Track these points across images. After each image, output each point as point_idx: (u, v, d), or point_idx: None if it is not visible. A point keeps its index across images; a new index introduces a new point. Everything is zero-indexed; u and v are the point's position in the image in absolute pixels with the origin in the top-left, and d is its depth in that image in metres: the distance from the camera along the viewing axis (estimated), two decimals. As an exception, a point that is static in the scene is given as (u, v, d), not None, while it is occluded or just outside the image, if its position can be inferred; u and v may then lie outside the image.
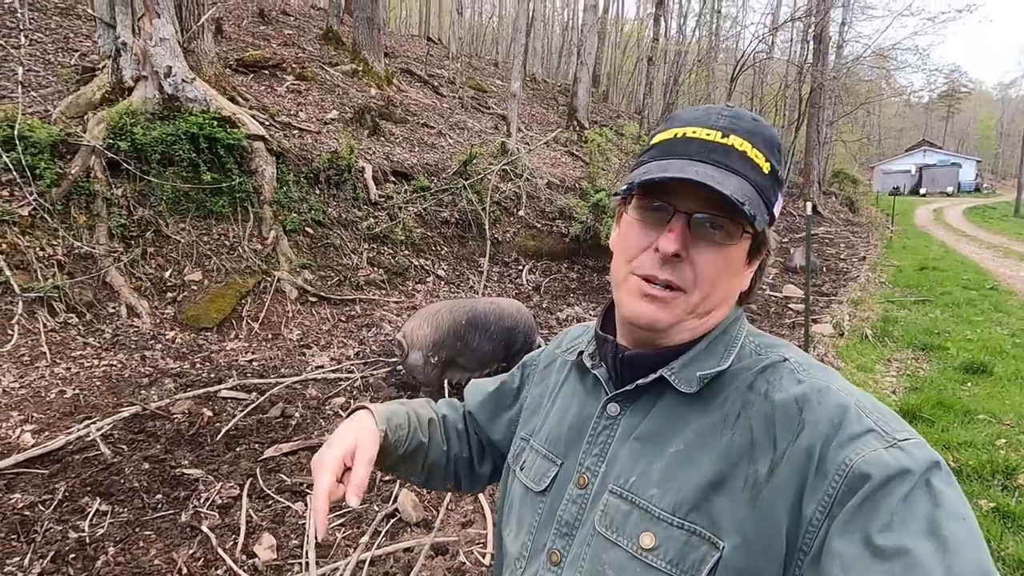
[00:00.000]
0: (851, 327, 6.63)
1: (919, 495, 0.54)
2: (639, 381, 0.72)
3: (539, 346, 4.90)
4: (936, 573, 0.49)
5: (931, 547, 0.51)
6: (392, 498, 3.11)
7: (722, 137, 0.69)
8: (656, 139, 0.74)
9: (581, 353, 0.83)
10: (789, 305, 7.96)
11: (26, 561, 2.50)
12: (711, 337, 0.73)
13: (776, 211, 0.73)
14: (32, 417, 3.55)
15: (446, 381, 4.43)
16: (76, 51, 6.92)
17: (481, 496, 3.16)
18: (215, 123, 5.60)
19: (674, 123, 0.73)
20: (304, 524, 2.87)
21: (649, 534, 0.65)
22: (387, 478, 3.35)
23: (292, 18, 13.43)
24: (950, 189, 41.77)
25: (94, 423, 3.49)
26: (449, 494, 3.05)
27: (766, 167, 0.70)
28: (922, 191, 41.72)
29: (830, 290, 9.18)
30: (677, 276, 0.68)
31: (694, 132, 0.70)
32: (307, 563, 2.59)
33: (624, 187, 0.71)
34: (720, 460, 0.64)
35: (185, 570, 2.53)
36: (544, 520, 0.77)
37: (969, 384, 4.92)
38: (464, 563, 2.66)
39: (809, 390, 0.64)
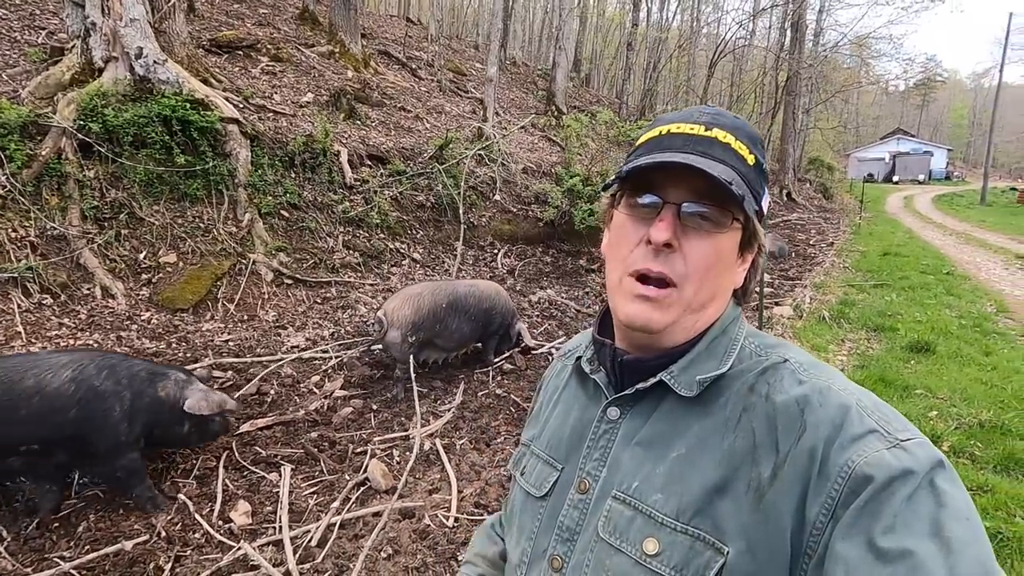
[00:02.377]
0: (810, 310, 6.93)
1: (922, 496, 0.54)
2: (639, 385, 0.72)
3: (518, 331, 5.10)
4: (939, 574, 0.49)
5: (934, 548, 0.50)
6: (363, 468, 3.28)
7: (705, 130, 0.71)
8: (642, 138, 0.75)
9: (579, 358, 0.83)
10: (754, 288, 8.25)
11: (10, 529, 2.63)
12: (710, 337, 0.73)
13: (764, 205, 0.74)
14: (9, 395, 3.63)
15: (420, 360, 4.59)
16: (43, 29, 6.81)
17: (447, 464, 3.35)
18: (188, 105, 5.61)
19: (658, 123, 0.75)
20: (277, 491, 3.03)
21: (653, 540, 0.65)
22: (359, 449, 3.52)
23: (267, -4, 13.20)
24: (922, 177, 42.77)
25: (71, 400, 3.59)
26: (412, 461, 3.24)
27: (751, 159, 0.71)
28: (895, 179, 42.67)
29: (795, 274, 9.51)
30: (670, 267, 0.68)
31: (678, 128, 0.72)
32: (280, 527, 2.76)
33: (612, 178, 0.73)
34: (723, 464, 0.64)
35: (164, 534, 2.68)
36: (544, 525, 0.77)
37: (913, 362, 5.24)
38: (429, 525, 2.85)
39: (810, 391, 0.64)
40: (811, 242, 13.32)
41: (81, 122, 5.12)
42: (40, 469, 2.66)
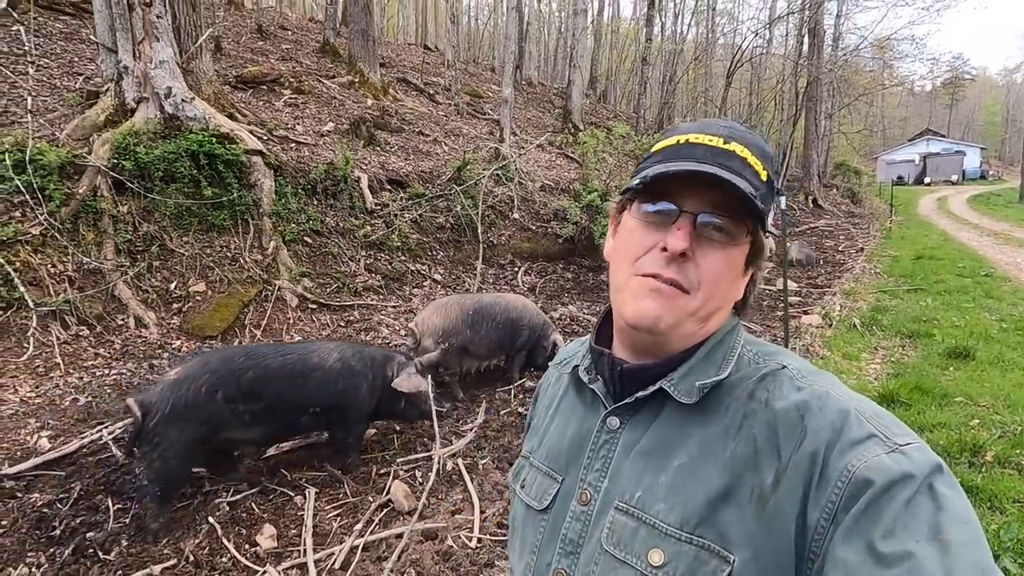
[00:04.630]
0: (840, 317, 6.74)
1: (922, 500, 0.54)
2: (639, 394, 0.72)
3: (553, 342, 5.11)
4: None
5: (933, 551, 0.51)
6: (385, 490, 3.29)
7: (724, 143, 0.70)
8: (657, 146, 0.75)
9: (576, 367, 0.82)
10: (781, 298, 8.07)
11: (46, 555, 2.71)
12: (709, 346, 0.73)
13: (770, 221, 0.74)
14: (48, 424, 3.77)
15: (462, 369, 4.77)
16: (81, 75, 7.19)
17: (470, 484, 3.34)
18: (214, 140, 5.83)
19: (675, 132, 0.75)
20: (302, 514, 3.06)
21: (658, 551, 0.64)
22: (382, 471, 3.54)
23: (290, 32, 13.74)
24: (955, 177, 41.46)
25: (106, 427, 3.71)
26: (431, 481, 3.23)
27: (764, 175, 0.71)
28: (927, 180, 41.45)
29: (824, 282, 9.28)
30: (682, 275, 0.68)
31: (697, 138, 0.72)
32: (304, 550, 2.78)
33: (635, 182, 0.72)
34: (725, 472, 0.64)
35: (192, 558, 2.72)
36: (547, 539, 0.76)
37: (951, 368, 5.03)
38: (452, 546, 2.84)
39: (809, 397, 0.64)
40: (840, 248, 13.00)
41: (115, 160, 5.37)
42: (315, 429, 3.52)
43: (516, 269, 8.11)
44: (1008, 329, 6.10)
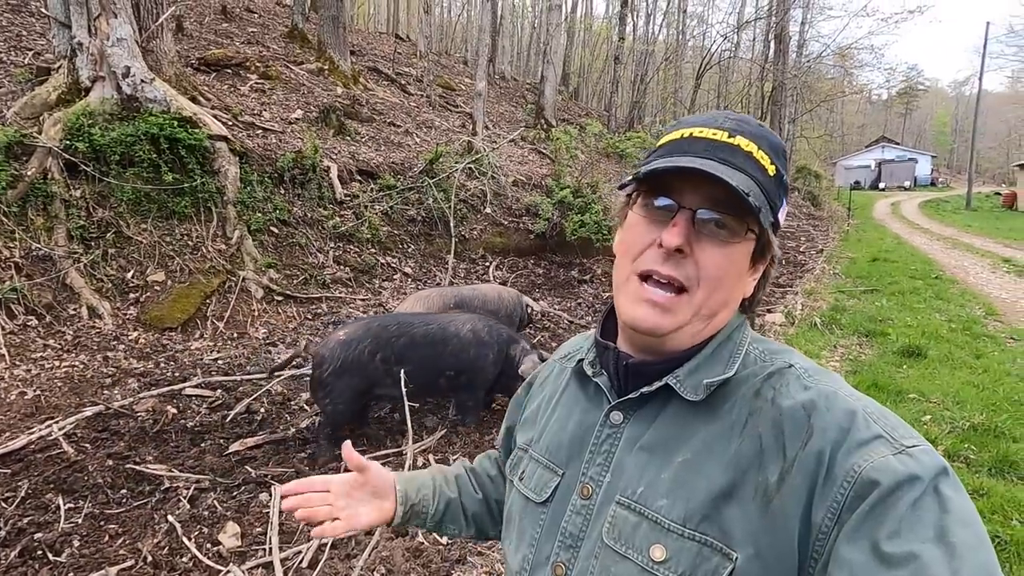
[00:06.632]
0: (802, 316, 6.95)
1: (928, 502, 0.54)
2: (644, 389, 0.71)
3: (528, 305, 5.20)
4: None
5: (939, 553, 0.51)
6: (355, 486, 3.23)
7: (728, 137, 0.69)
8: (663, 140, 0.74)
9: (581, 361, 0.82)
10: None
11: (-10, 556, 2.56)
12: (716, 343, 0.72)
13: (781, 217, 0.73)
14: (-8, 419, 3.56)
15: None
16: (30, 50, 6.80)
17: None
18: (176, 124, 5.60)
19: (681, 125, 0.74)
20: (267, 512, 2.97)
21: (659, 546, 0.64)
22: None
23: (256, 15, 13.30)
24: (907, 183, 43.32)
25: (56, 423, 3.53)
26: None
27: (771, 169, 0.70)
28: (881, 185, 43.16)
29: (786, 281, 9.56)
30: (680, 272, 0.67)
31: (701, 132, 0.70)
32: (270, 548, 2.70)
33: (629, 178, 0.72)
34: (729, 469, 0.64)
35: (150, 558, 2.62)
36: (546, 532, 0.75)
37: (905, 366, 5.25)
38: (423, 543, 2.81)
39: (817, 396, 0.64)
40: (801, 249, 13.41)
41: (68, 142, 5.10)
42: (447, 392, 3.92)
43: (488, 264, 8.07)
44: (956, 329, 6.41)
